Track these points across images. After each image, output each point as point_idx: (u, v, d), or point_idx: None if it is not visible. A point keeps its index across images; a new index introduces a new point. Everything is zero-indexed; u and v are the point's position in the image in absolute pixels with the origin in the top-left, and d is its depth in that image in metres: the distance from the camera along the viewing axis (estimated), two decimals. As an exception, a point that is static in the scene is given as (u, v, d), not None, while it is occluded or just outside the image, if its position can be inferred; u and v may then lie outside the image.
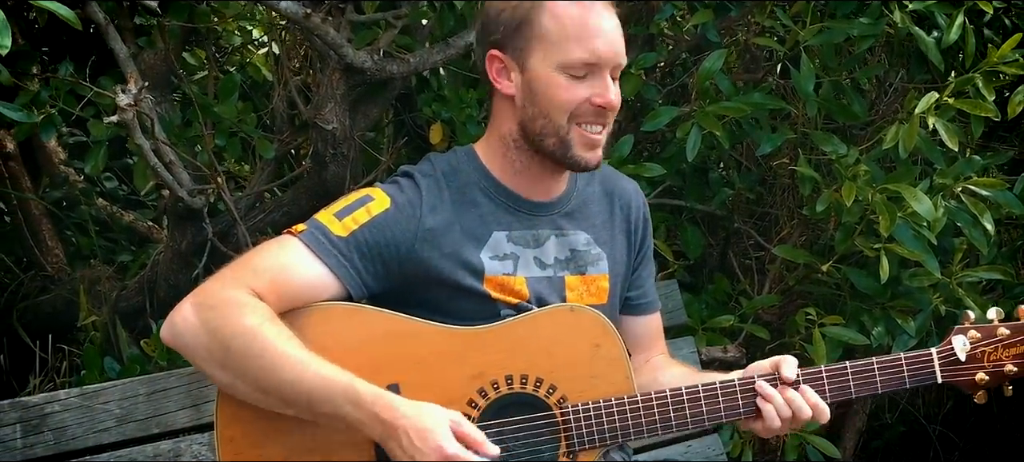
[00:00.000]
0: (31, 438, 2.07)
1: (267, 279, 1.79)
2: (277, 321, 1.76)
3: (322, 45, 2.63)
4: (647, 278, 2.18)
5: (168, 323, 1.79)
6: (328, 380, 1.72)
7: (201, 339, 1.75)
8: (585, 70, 1.85)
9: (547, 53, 1.85)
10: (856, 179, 2.72)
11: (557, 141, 1.89)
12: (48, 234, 3.57)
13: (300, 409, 1.74)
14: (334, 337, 1.80)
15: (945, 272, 2.82)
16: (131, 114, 2.37)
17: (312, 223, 1.88)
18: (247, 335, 1.72)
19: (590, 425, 1.88)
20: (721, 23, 3.03)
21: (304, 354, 1.73)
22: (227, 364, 1.74)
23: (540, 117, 1.88)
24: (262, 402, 1.76)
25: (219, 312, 1.75)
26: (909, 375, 1.96)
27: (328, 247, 1.83)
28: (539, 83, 1.87)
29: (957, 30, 2.70)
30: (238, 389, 1.76)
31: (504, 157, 1.96)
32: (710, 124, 2.78)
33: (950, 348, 1.97)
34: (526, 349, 1.88)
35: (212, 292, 1.78)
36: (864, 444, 3.68)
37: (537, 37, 1.86)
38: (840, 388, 1.94)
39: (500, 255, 1.93)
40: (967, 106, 2.68)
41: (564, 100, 1.86)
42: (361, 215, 1.87)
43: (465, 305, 1.90)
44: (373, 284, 1.87)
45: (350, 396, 1.72)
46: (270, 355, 1.72)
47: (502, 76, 1.91)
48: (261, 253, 1.86)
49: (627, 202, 2.11)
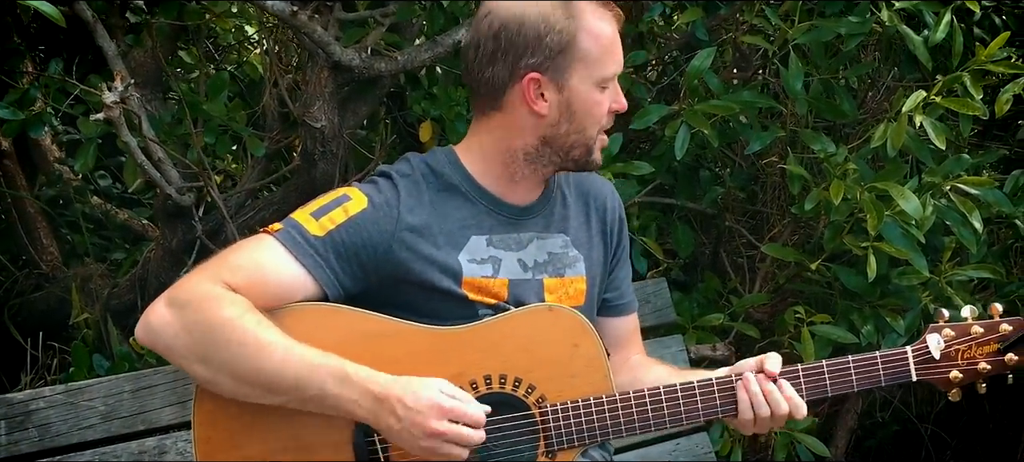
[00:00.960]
0: (16, 435, 2.08)
1: (243, 276, 1.78)
2: (255, 311, 1.75)
3: (310, 43, 2.64)
4: (624, 279, 2.18)
5: (143, 323, 1.78)
6: (313, 363, 1.73)
7: (179, 336, 1.74)
8: (610, 82, 1.92)
9: (588, 71, 1.88)
10: (845, 177, 2.72)
11: (584, 150, 1.94)
12: (43, 232, 3.59)
13: (286, 396, 1.74)
14: (310, 338, 1.79)
15: (935, 271, 2.81)
16: (117, 111, 2.38)
17: (289, 222, 1.87)
18: (226, 327, 1.72)
19: (569, 424, 1.88)
20: (710, 21, 3.03)
21: (286, 340, 1.73)
22: (208, 358, 1.73)
23: (575, 132, 1.91)
24: (245, 395, 1.75)
25: (196, 307, 1.74)
26: (884, 373, 1.97)
27: (305, 247, 1.82)
28: (579, 101, 1.89)
29: (945, 29, 2.70)
30: (220, 383, 1.75)
31: (504, 168, 1.95)
32: (699, 122, 2.78)
33: (925, 346, 1.97)
34: (505, 349, 1.87)
35: (187, 288, 1.77)
36: (856, 443, 3.68)
37: (579, 58, 1.88)
38: (816, 386, 1.95)
39: (479, 258, 1.93)
40: (955, 105, 2.67)
41: (598, 114, 1.92)
42: (338, 215, 1.86)
43: (442, 307, 1.90)
44: (350, 284, 1.86)
45: (338, 375, 1.72)
46: (253, 345, 1.72)
47: (537, 97, 1.90)
48: (236, 251, 1.86)
49: (602, 203, 2.12)
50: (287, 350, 1.72)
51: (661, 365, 2.17)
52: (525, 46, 1.87)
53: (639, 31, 3.01)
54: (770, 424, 1.92)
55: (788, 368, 1.95)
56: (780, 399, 1.90)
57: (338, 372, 1.73)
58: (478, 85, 1.93)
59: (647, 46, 3.11)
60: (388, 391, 1.72)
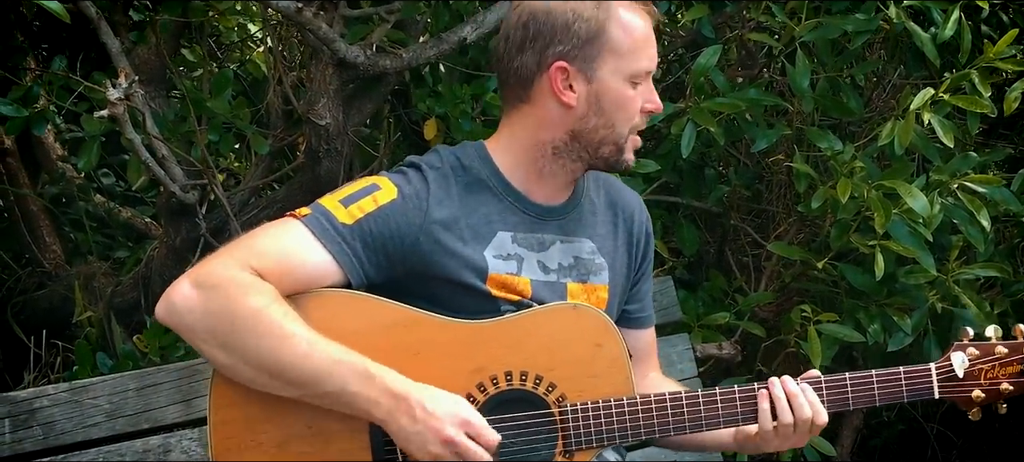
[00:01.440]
0: (20, 433, 2.06)
1: (270, 261, 1.77)
2: (282, 301, 1.74)
3: (315, 40, 2.62)
4: (646, 293, 2.17)
5: (165, 301, 1.75)
6: (337, 359, 1.72)
7: (202, 319, 1.72)
8: (645, 78, 1.90)
9: (618, 64, 1.87)
10: (852, 175, 2.71)
11: (614, 148, 1.92)
12: (46, 230, 3.58)
13: (305, 390, 1.73)
14: (332, 324, 1.78)
15: (942, 269, 2.80)
16: (121, 109, 2.36)
17: (317, 208, 1.85)
18: (253, 316, 1.70)
19: (588, 425, 1.86)
20: (716, 19, 3.02)
21: (311, 334, 1.72)
22: (230, 345, 1.72)
23: (604, 127, 1.90)
24: (265, 384, 1.74)
25: (222, 292, 1.72)
26: (907, 389, 1.97)
27: (332, 234, 1.81)
28: (609, 94, 1.88)
29: (953, 26, 2.68)
30: (239, 371, 1.74)
31: (533, 163, 1.94)
32: (705, 120, 2.77)
33: (949, 364, 1.98)
34: (527, 346, 1.87)
35: (213, 271, 1.75)
36: (862, 443, 3.67)
37: (609, 49, 1.86)
38: (839, 398, 1.95)
39: (504, 255, 1.92)
40: (963, 102, 2.66)
41: (629, 110, 1.90)
42: (367, 204, 1.85)
43: (466, 302, 1.89)
44: (375, 274, 1.85)
45: (360, 372, 1.71)
46: (277, 336, 1.70)
47: (565, 87, 1.89)
48: (264, 234, 1.84)
49: (631, 215, 2.11)
50: (311, 344, 1.71)
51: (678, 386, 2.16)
52: (553, 34, 1.87)
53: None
54: (792, 438, 1.91)
55: (810, 378, 1.95)
56: (804, 403, 1.89)
57: (360, 369, 1.72)
58: (507, 76, 1.93)
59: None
60: (408, 392, 1.72)
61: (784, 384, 1.91)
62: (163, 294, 1.77)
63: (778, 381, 1.92)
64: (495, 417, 1.83)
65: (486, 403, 1.85)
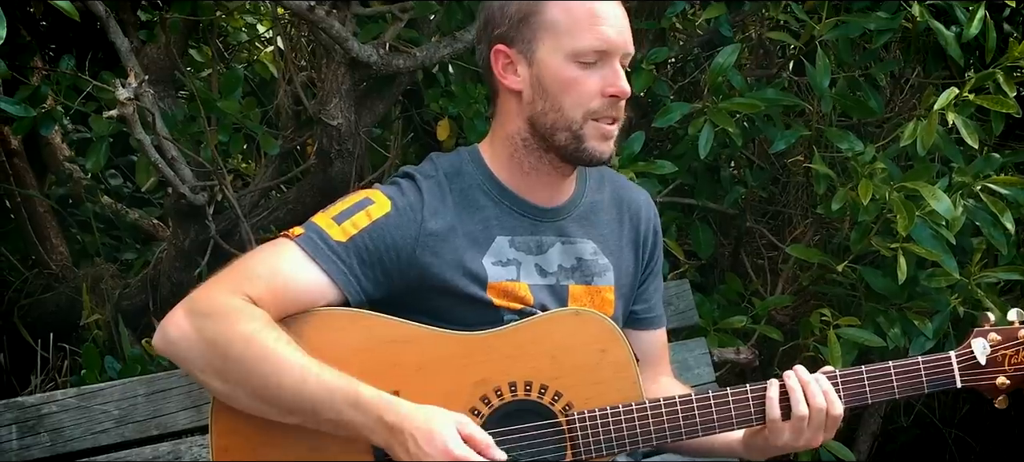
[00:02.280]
0: (27, 439, 2.03)
1: (263, 285, 1.73)
2: (275, 326, 1.70)
3: (327, 39, 2.59)
4: (654, 292, 2.12)
5: (160, 331, 1.73)
6: (330, 386, 1.67)
7: (197, 348, 1.69)
8: (595, 57, 1.81)
9: (557, 42, 1.81)
10: (873, 177, 2.66)
11: (570, 135, 1.83)
12: (52, 232, 3.55)
13: (302, 417, 1.69)
14: (332, 343, 1.75)
15: (963, 272, 2.76)
16: (131, 109, 2.33)
17: (310, 227, 1.81)
18: (245, 342, 1.67)
19: (597, 432, 1.82)
20: (734, 17, 2.98)
21: (305, 359, 1.68)
22: (225, 373, 1.69)
23: (552, 111, 1.82)
24: (262, 411, 1.71)
25: (215, 319, 1.68)
26: (927, 379, 1.90)
27: (327, 253, 1.77)
28: (549, 74, 1.81)
29: (978, 24, 2.64)
30: (237, 398, 1.70)
31: (511, 158, 1.90)
32: (723, 121, 2.73)
33: (969, 351, 1.91)
34: (530, 355, 1.82)
35: (206, 298, 1.72)
36: (879, 448, 3.62)
37: (545, 27, 1.81)
38: (856, 392, 1.88)
39: (503, 260, 1.87)
40: (988, 102, 2.62)
41: (576, 92, 1.81)
42: (361, 219, 1.81)
43: (467, 313, 1.84)
44: (372, 290, 1.81)
45: (352, 400, 1.66)
46: (271, 362, 1.66)
47: (508, 71, 1.85)
48: (256, 258, 1.80)
49: (636, 212, 2.05)
50: (305, 370, 1.67)
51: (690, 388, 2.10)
52: (491, 18, 1.86)
53: (661, 28, 2.94)
54: (806, 433, 1.84)
55: (826, 371, 1.89)
56: (817, 391, 1.83)
57: (353, 397, 1.67)
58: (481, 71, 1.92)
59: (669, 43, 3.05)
60: (402, 423, 1.66)
61: (798, 374, 1.85)
62: (159, 325, 1.74)
63: (792, 372, 1.86)
64: (501, 429, 1.78)
65: (491, 416, 1.80)
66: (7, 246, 3.59)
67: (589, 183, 2.00)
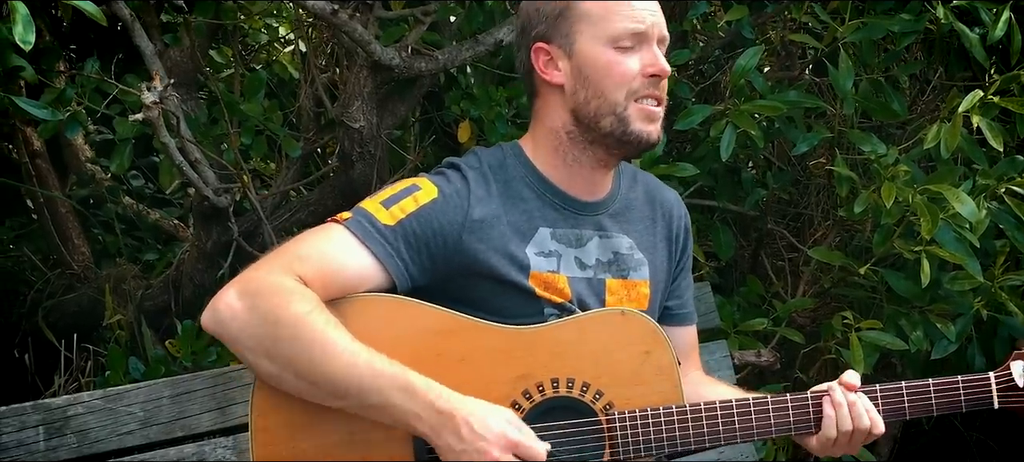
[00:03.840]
0: (54, 440, 2.04)
1: (313, 266, 1.75)
2: (325, 310, 1.71)
3: (349, 42, 2.60)
4: (686, 288, 2.14)
5: (211, 310, 1.73)
6: (379, 371, 1.68)
7: (247, 327, 1.69)
8: (632, 40, 1.85)
9: (594, 30, 1.86)
10: (895, 179, 2.65)
11: (615, 119, 1.87)
12: (74, 232, 3.57)
13: (348, 401, 1.70)
14: (376, 329, 1.75)
15: (986, 275, 2.74)
16: (156, 112, 2.34)
17: (358, 211, 1.83)
18: (296, 323, 1.67)
19: (636, 433, 1.82)
20: (756, 19, 2.97)
21: (354, 345, 1.69)
22: (274, 353, 1.69)
23: (594, 98, 1.86)
24: (309, 393, 1.71)
25: (266, 299, 1.69)
26: (966, 399, 1.92)
27: (375, 236, 1.79)
28: (589, 62, 1.86)
29: (1003, 26, 2.62)
30: (284, 380, 1.71)
31: (555, 152, 1.93)
32: (745, 123, 2.72)
33: (1008, 373, 1.93)
34: (573, 352, 1.83)
35: (258, 278, 1.72)
36: (900, 450, 3.61)
37: (581, 18, 1.87)
38: (894, 408, 1.90)
39: (545, 252, 1.89)
40: (1012, 105, 2.60)
41: (617, 74, 1.85)
42: (408, 204, 1.83)
43: (509, 302, 1.86)
44: (418, 275, 1.83)
45: (403, 385, 1.68)
46: (320, 344, 1.67)
47: (549, 67, 1.90)
48: (306, 240, 1.82)
49: (669, 211, 2.08)
50: (354, 354, 1.68)
51: (724, 385, 2.12)
52: (529, 21, 1.92)
53: (683, 30, 2.94)
54: (846, 446, 1.87)
55: (866, 387, 1.90)
56: (862, 412, 1.86)
57: (403, 382, 1.68)
58: (521, 75, 1.97)
59: (690, 45, 3.04)
60: (454, 409, 1.68)
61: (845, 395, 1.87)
62: (209, 303, 1.74)
63: (839, 389, 1.88)
64: (541, 425, 1.79)
65: (531, 410, 1.81)
66: (30, 247, 3.61)
67: (623, 181, 2.03)
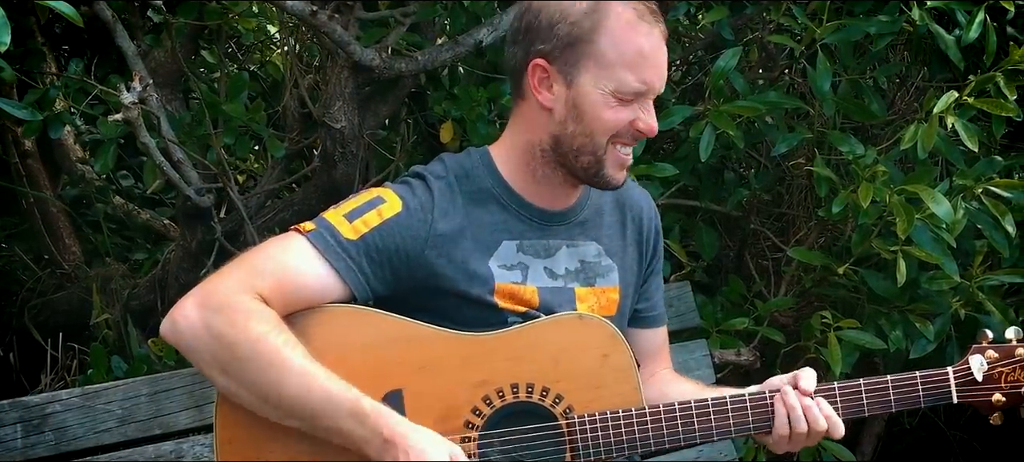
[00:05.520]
0: (32, 438, 2.08)
1: (273, 281, 1.76)
2: (284, 329, 1.72)
3: (330, 43, 2.62)
4: (656, 290, 2.14)
5: (169, 320, 1.75)
6: (332, 395, 1.70)
7: (204, 342, 1.71)
8: (634, 97, 1.83)
9: (600, 75, 1.82)
10: (874, 180, 2.67)
11: (593, 159, 1.86)
12: (65, 232, 3.59)
13: (301, 422, 1.72)
14: (337, 340, 1.77)
15: (965, 275, 2.76)
16: (136, 112, 2.36)
17: (321, 223, 1.84)
18: (252, 343, 1.69)
19: (596, 436, 1.84)
20: (736, 21, 2.98)
21: (312, 366, 1.71)
22: (230, 371, 1.71)
23: (581, 135, 1.85)
24: (263, 411, 1.73)
25: (224, 316, 1.71)
26: (924, 394, 1.93)
27: (337, 249, 1.80)
28: (587, 103, 1.83)
29: (977, 28, 2.64)
30: (240, 396, 1.73)
31: (527, 165, 1.92)
32: (724, 123, 2.74)
33: (967, 368, 1.94)
34: (533, 357, 1.84)
35: (216, 292, 1.74)
36: (884, 449, 3.62)
37: (593, 57, 1.82)
38: (853, 405, 1.91)
39: (509, 264, 1.90)
40: (988, 105, 2.62)
41: (611, 122, 1.83)
42: (372, 218, 1.83)
43: (472, 314, 1.87)
44: (380, 289, 1.84)
45: (353, 410, 1.69)
46: (276, 367, 1.69)
47: (543, 87, 1.86)
48: (266, 251, 1.83)
49: (639, 213, 2.08)
50: (310, 377, 1.70)
51: (689, 382, 2.13)
52: (538, 31, 1.85)
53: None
54: (804, 442, 1.88)
55: (824, 386, 1.91)
56: (818, 415, 1.86)
57: (353, 408, 1.70)
58: (507, 69, 1.93)
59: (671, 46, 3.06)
60: (398, 438, 1.69)
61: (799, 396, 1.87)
62: (168, 313, 1.76)
63: (792, 391, 1.88)
64: (502, 430, 1.81)
65: (492, 416, 1.82)
66: (20, 246, 3.64)
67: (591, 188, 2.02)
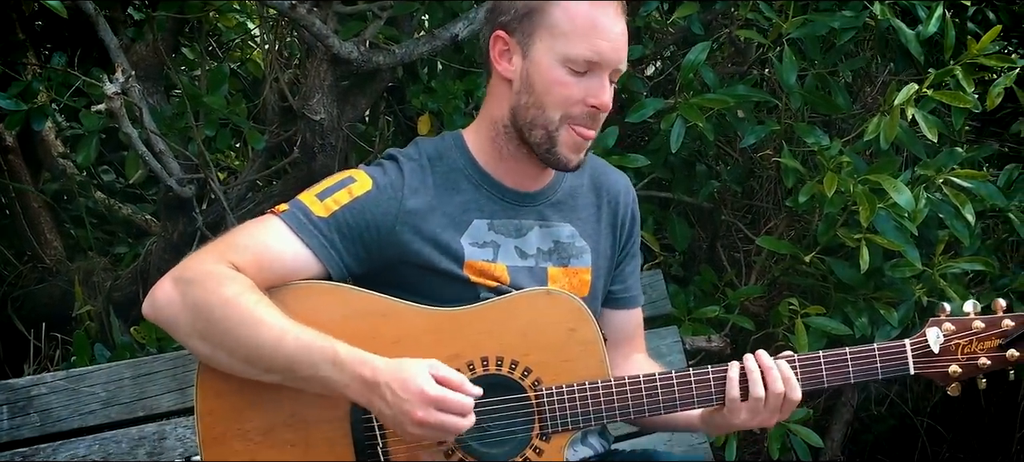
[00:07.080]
0: (17, 419, 2.12)
1: (248, 256, 1.82)
2: (256, 290, 1.79)
3: (308, 36, 2.67)
4: (631, 273, 2.19)
5: (149, 298, 1.82)
6: (308, 344, 1.75)
7: (182, 312, 1.78)
8: (586, 67, 1.86)
9: (552, 44, 1.86)
10: (839, 170, 2.74)
11: (545, 134, 1.90)
12: (47, 227, 3.61)
13: (281, 374, 1.77)
14: (312, 315, 1.82)
15: (928, 263, 2.84)
16: (119, 103, 2.41)
17: (294, 203, 1.90)
18: (226, 305, 1.75)
19: (564, 408, 1.90)
20: (706, 16, 3.06)
21: (283, 321, 1.76)
22: (207, 335, 1.77)
23: (533, 107, 1.89)
24: (243, 372, 1.79)
25: (199, 284, 1.77)
26: (882, 366, 1.97)
27: (310, 227, 1.86)
28: (539, 72, 1.88)
29: (936, 22, 2.72)
30: (219, 360, 1.79)
31: (493, 142, 1.97)
32: (694, 116, 2.81)
33: (924, 340, 1.97)
34: (502, 331, 1.90)
35: (192, 266, 1.81)
36: (853, 437, 3.69)
37: (545, 26, 1.87)
38: (813, 376, 1.96)
39: (480, 242, 1.95)
40: (947, 98, 2.69)
41: (560, 94, 1.87)
42: (342, 196, 1.89)
43: (444, 289, 1.92)
44: (354, 265, 1.90)
45: (330, 357, 1.75)
46: (250, 323, 1.75)
47: (503, 58, 1.92)
48: (243, 231, 1.90)
49: (615, 196, 2.12)
50: (283, 330, 1.75)
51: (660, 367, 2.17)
52: (499, 6, 1.93)
53: (636, 26, 3.02)
54: (763, 413, 1.92)
55: (784, 355, 1.96)
56: (777, 376, 1.90)
57: (330, 354, 1.75)
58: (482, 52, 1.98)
59: (644, 41, 3.13)
60: (377, 377, 1.74)
61: (758, 358, 1.93)
62: (148, 293, 1.83)
63: (752, 356, 1.93)
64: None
65: None
66: (2, 241, 3.65)
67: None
